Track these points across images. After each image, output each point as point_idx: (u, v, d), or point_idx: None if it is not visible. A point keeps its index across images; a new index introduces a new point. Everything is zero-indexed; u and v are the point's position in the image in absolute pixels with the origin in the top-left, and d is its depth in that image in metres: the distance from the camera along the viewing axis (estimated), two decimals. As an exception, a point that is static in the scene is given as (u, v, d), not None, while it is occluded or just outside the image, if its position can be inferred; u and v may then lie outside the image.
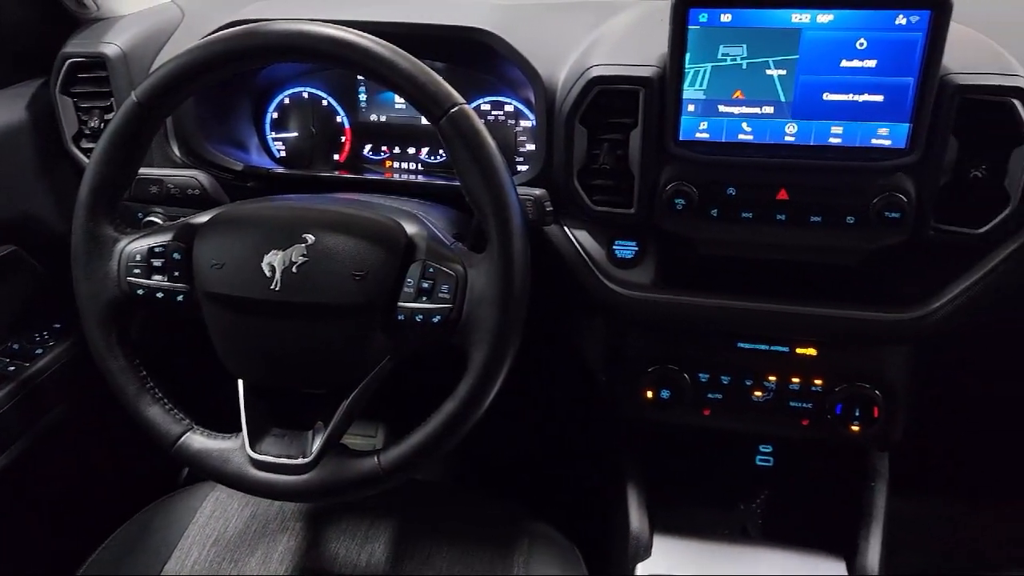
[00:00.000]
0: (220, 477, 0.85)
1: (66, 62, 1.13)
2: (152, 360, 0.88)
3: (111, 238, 0.85)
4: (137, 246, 0.85)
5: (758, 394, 1.07)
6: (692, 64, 0.88)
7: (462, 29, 1.04)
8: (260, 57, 0.80)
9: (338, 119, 1.22)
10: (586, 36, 1.02)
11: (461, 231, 0.94)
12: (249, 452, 0.83)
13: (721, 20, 0.85)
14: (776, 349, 1.05)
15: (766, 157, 0.90)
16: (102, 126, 1.12)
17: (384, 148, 1.22)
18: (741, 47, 0.86)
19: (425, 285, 0.79)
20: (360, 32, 0.76)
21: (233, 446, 0.84)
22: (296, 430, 0.85)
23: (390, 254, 0.80)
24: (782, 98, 0.88)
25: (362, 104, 1.21)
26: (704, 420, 1.10)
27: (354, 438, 1.71)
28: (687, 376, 1.07)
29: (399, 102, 1.20)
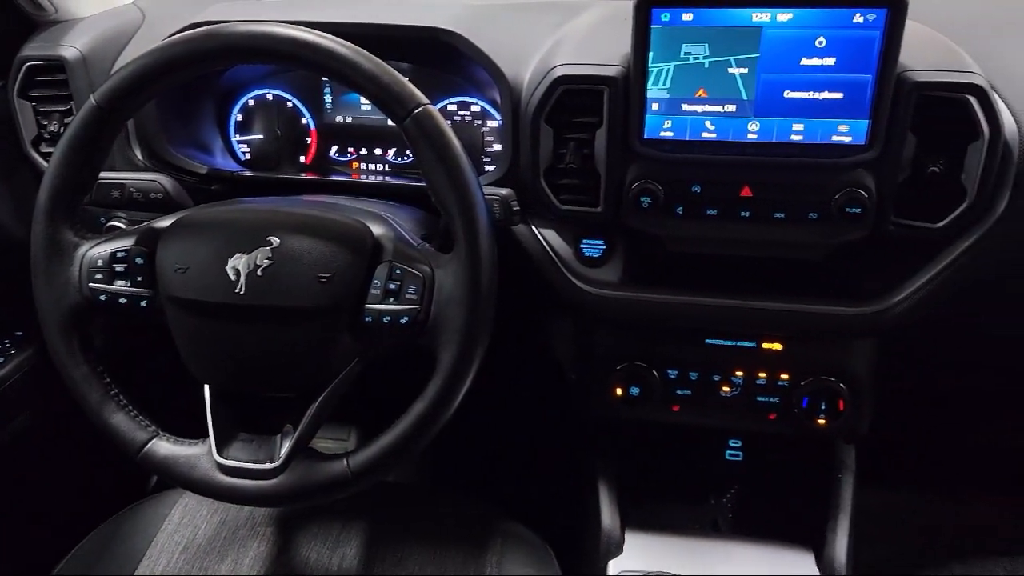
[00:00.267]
0: (187, 483, 0.84)
1: (24, 66, 1.11)
2: (116, 366, 0.87)
3: (72, 243, 0.84)
4: (98, 251, 0.84)
5: (726, 389, 1.08)
6: (655, 63, 0.88)
7: (426, 30, 1.04)
8: (221, 59, 0.79)
9: (303, 121, 1.21)
10: (550, 36, 1.02)
11: (429, 232, 0.94)
12: (216, 458, 0.82)
13: (683, 19, 0.86)
14: (743, 345, 1.06)
15: (729, 155, 0.91)
16: (62, 130, 1.11)
17: (351, 149, 1.22)
18: (703, 46, 0.87)
19: (392, 286, 0.79)
20: (323, 33, 0.76)
21: (200, 452, 0.83)
22: (264, 435, 0.84)
23: (356, 256, 0.79)
24: (744, 96, 0.89)
25: (327, 105, 1.20)
26: (674, 416, 1.11)
27: (326, 442, 1.70)
28: (656, 373, 1.08)
29: (365, 103, 1.19)
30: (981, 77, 0.86)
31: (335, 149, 1.22)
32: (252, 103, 1.22)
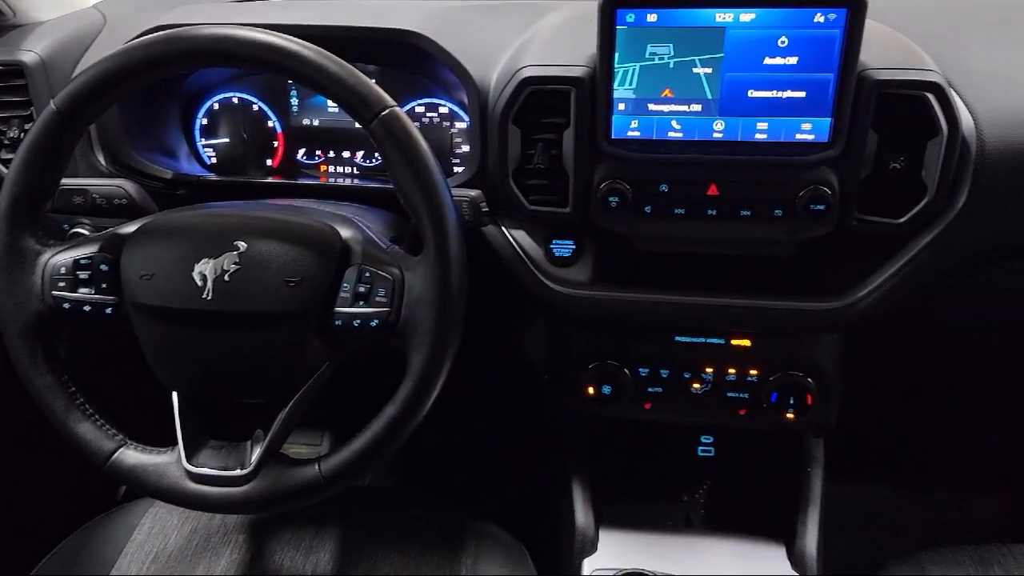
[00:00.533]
0: (156, 492, 0.83)
1: None
2: (82, 375, 0.86)
3: (33, 251, 0.83)
4: (61, 259, 0.83)
5: (696, 386, 1.09)
6: (621, 64, 0.89)
7: (393, 32, 1.03)
8: (184, 63, 0.79)
9: (270, 124, 1.20)
10: (517, 37, 1.02)
11: (398, 234, 0.94)
12: (186, 465, 0.81)
13: (648, 20, 0.87)
14: (712, 341, 1.07)
15: (696, 154, 0.92)
16: (22, 136, 1.09)
17: (318, 152, 1.21)
18: (668, 46, 0.88)
19: (362, 289, 0.79)
20: (287, 36, 0.75)
21: (169, 460, 0.82)
22: (234, 441, 0.83)
23: (324, 259, 0.79)
24: (709, 96, 0.89)
25: (294, 108, 1.19)
26: (646, 414, 1.11)
27: (299, 447, 1.69)
28: (627, 371, 1.08)
29: (332, 106, 1.18)
30: (939, 75, 0.88)
31: (302, 152, 1.21)
32: (217, 107, 1.21)
